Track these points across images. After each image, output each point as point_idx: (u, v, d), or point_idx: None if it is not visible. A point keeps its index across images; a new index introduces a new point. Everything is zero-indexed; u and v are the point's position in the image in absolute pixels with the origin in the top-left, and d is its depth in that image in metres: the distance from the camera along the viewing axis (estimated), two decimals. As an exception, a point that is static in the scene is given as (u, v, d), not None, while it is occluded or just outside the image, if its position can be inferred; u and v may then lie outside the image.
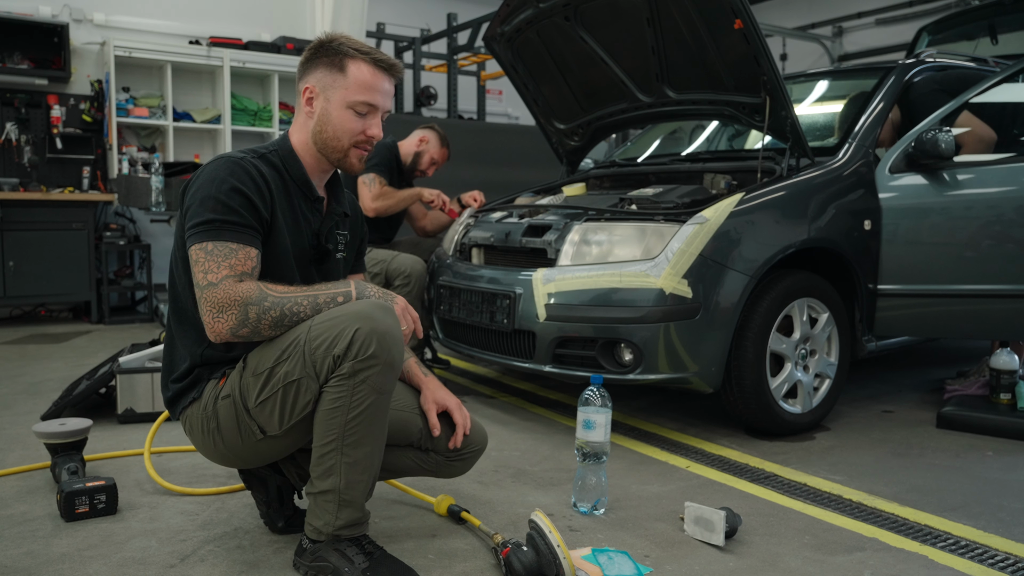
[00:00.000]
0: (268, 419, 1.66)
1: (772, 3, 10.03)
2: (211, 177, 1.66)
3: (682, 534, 2.05)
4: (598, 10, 3.31)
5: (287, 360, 1.61)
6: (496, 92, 9.42)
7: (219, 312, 1.57)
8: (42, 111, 5.82)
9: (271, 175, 1.73)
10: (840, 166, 3.08)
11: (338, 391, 1.58)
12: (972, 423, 3.01)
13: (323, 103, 1.76)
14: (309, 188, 1.81)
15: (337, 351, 1.56)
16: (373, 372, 1.57)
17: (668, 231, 2.74)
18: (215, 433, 1.72)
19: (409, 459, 1.90)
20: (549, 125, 4.03)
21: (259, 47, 6.30)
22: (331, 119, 1.76)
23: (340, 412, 1.59)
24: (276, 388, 1.63)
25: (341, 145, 1.77)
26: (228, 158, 1.70)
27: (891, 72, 3.45)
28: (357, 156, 1.80)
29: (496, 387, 3.74)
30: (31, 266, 5.33)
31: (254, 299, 1.58)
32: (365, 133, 1.77)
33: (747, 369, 2.76)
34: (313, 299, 1.63)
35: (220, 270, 1.59)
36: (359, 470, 1.62)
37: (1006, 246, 2.97)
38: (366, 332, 1.55)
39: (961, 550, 1.98)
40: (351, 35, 1.82)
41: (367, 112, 1.77)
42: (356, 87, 1.74)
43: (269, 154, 1.78)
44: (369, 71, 1.75)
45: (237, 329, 1.59)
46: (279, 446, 1.74)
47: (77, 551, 1.89)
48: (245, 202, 1.64)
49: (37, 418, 2.98)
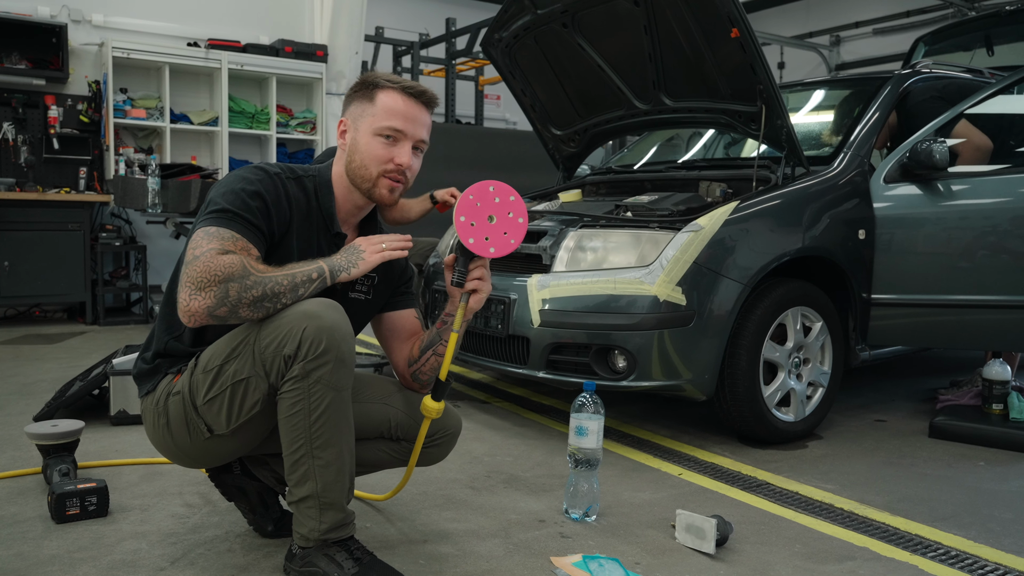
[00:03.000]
0: (215, 418, 1.65)
1: (770, 12, 10.07)
2: (239, 176, 1.67)
3: (673, 542, 2.05)
4: (596, 17, 3.32)
5: (236, 358, 1.60)
6: (494, 97, 9.45)
7: (197, 289, 1.51)
8: (39, 111, 5.81)
9: (298, 198, 1.73)
10: (835, 175, 3.09)
11: (295, 395, 1.57)
12: (964, 433, 3.02)
13: (353, 133, 1.76)
14: (331, 221, 1.77)
15: (287, 351, 1.54)
16: (326, 370, 1.55)
17: (663, 238, 2.74)
18: (165, 429, 1.72)
19: (382, 451, 1.89)
20: (546, 131, 4.04)
21: (257, 49, 6.31)
22: (359, 147, 1.74)
23: (301, 415, 1.57)
24: (224, 386, 1.62)
25: (369, 174, 1.73)
26: (262, 167, 1.71)
27: (887, 82, 3.46)
28: (387, 186, 1.74)
29: (490, 392, 3.74)
30: (26, 266, 5.32)
31: (236, 274, 1.52)
32: (393, 161, 1.73)
33: (740, 377, 2.77)
34: (291, 279, 1.57)
35: (209, 245, 1.55)
36: (333, 471, 1.61)
37: (1000, 257, 2.98)
38: (314, 329, 1.53)
39: (951, 560, 1.98)
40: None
41: (395, 138, 1.73)
42: (382, 113, 1.72)
43: (306, 178, 1.77)
44: (397, 98, 1.73)
45: (215, 308, 1.52)
46: (228, 446, 1.73)
47: (67, 553, 1.88)
48: (263, 206, 1.64)
49: (29, 419, 2.97)
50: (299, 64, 6.41)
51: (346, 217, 1.81)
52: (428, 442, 1.88)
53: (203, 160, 6.31)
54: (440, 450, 1.93)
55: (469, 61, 8.17)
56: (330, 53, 6.54)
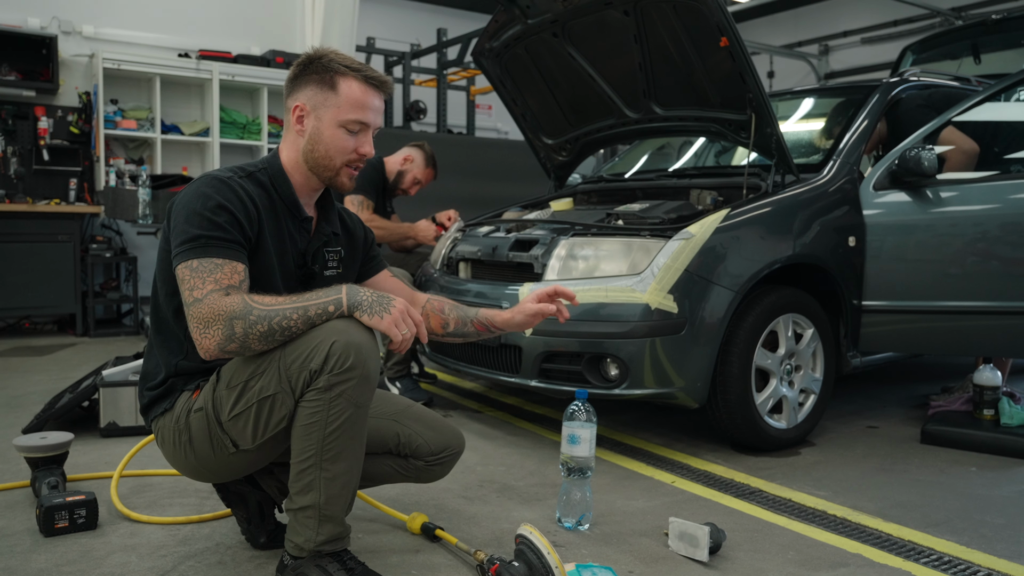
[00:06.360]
0: (241, 433, 1.65)
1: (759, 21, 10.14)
2: (197, 194, 1.64)
3: (666, 550, 2.04)
4: (586, 27, 3.33)
5: (263, 375, 1.60)
6: (485, 107, 9.47)
7: (205, 328, 1.53)
8: (29, 123, 5.79)
9: (258, 194, 1.72)
10: (825, 183, 3.10)
11: (315, 405, 1.56)
12: (956, 439, 3.02)
13: (314, 122, 1.73)
14: (297, 208, 1.78)
15: (313, 365, 1.54)
16: (350, 385, 1.55)
17: (654, 246, 2.75)
18: (187, 446, 1.71)
19: (388, 466, 1.90)
20: (537, 140, 4.05)
21: (248, 60, 6.31)
22: (323, 138, 1.73)
23: (318, 427, 1.57)
24: (251, 403, 1.61)
25: (333, 164, 1.75)
26: (214, 176, 1.69)
27: (875, 90, 3.48)
28: (348, 175, 1.78)
29: (482, 401, 3.73)
30: (16, 278, 5.28)
31: (239, 312, 1.52)
32: (357, 151, 1.75)
33: (732, 384, 2.77)
34: (304, 311, 1.55)
35: (206, 285, 1.55)
36: (339, 485, 1.61)
37: (990, 263, 3.00)
38: (342, 345, 1.53)
39: (944, 566, 1.99)
40: (340, 49, 1.82)
41: (359, 130, 1.74)
42: (348, 105, 1.72)
43: (258, 172, 1.76)
44: (360, 88, 1.73)
45: (225, 344, 1.54)
46: (252, 460, 1.72)
47: (55, 567, 1.86)
48: (231, 218, 1.62)
49: (18, 431, 2.94)
50: (290, 75, 6.40)
51: (306, 201, 1.82)
52: (432, 460, 1.91)
53: (194, 171, 6.30)
54: (444, 467, 1.95)
55: (460, 71, 8.19)
56: (321, 64, 6.53)
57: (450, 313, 1.99)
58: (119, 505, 2.22)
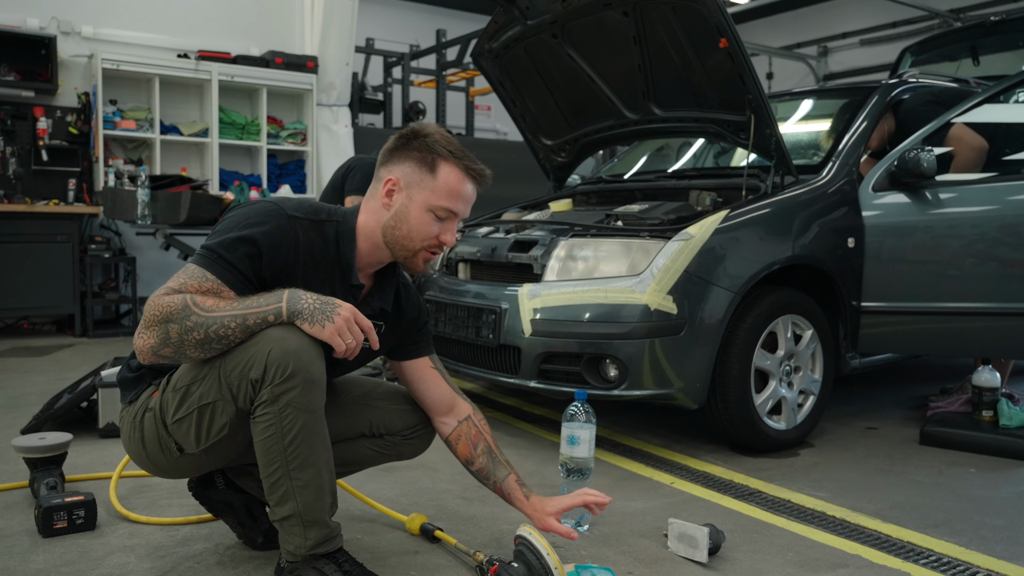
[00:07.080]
0: (185, 438, 1.63)
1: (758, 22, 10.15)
2: (247, 214, 1.60)
3: (666, 551, 2.04)
4: (585, 28, 3.34)
5: (203, 380, 1.57)
6: (484, 108, 9.48)
7: (144, 328, 1.50)
8: (28, 123, 5.79)
9: (314, 243, 1.65)
10: (824, 184, 3.10)
11: (267, 420, 1.53)
12: (955, 440, 3.03)
13: (404, 200, 1.68)
14: (349, 272, 1.71)
15: (253, 375, 1.50)
16: (295, 393, 1.51)
17: (653, 247, 2.75)
18: (140, 443, 1.70)
19: (366, 448, 1.89)
20: (536, 141, 4.05)
21: (248, 61, 6.31)
22: (408, 218, 1.68)
23: (275, 439, 1.53)
24: (192, 408, 1.59)
25: (412, 246, 1.69)
26: (278, 205, 1.64)
27: (874, 92, 3.49)
28: (424, 259, 1.72)
29: (481, 402, 3.73)
30: (15, 278, 5.28)
31: (176, 315, 1.47)
32: (439, 238, 1.70)
33: (732, 385, 2.77)
34: (243, 320, 1.50)
35: (170, 283, 1.53)
36: (313, 490, 1.58)
37: (988, 264, 3.00)
38: (280, 353, 1.49)
39: (943, 567, 1.99)
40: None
41: (446, 218, 1.69)
42: (443, 191, 1.67)
43: (328, 223, 1.70)
44: (459, 177, 1.68)
45: (159, 348, 1.50)
46: (200, 463, 1.72)
47: (54, 567, 1.86)
48: (253, 251, 1.57)
49: (17, 432, 2.94)
50: (289, 75, 6.41)
51: (364, 267, 1.75)
52: (408, 433, 1.92)
53: (193, 171, 6.30)
54: (421, 441, 1.96)
55: (459, 72, 8.20)
56: (321, 64, 6.54)
57: (480, 456, 1.92)
58: (118, 506, 2.22)
